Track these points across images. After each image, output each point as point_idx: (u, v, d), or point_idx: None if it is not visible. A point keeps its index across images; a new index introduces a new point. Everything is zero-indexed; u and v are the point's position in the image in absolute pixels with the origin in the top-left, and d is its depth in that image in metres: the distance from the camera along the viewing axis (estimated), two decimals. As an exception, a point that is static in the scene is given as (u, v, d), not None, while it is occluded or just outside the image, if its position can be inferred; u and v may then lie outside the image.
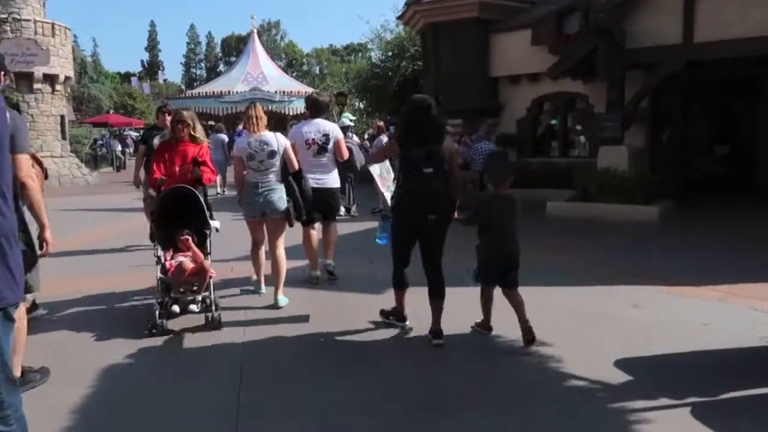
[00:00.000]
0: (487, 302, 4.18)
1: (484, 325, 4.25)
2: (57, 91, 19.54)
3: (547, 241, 7.79)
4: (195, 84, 64.39)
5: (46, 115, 19.28)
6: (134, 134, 34.38)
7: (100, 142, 30.42)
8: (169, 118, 5.81)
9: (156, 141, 6.43)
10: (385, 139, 11.10)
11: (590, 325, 4.45)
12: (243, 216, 5.28)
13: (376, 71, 18.58)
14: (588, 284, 5.59)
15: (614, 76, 9.86)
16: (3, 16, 17.74)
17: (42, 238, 3.24)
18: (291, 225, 5.07)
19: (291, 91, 35.30)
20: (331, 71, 39.06)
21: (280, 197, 4.96)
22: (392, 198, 4.16)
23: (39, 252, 3.26)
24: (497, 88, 13.76)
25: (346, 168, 6.05)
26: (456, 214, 4.03)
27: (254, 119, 4.97)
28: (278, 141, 4.99)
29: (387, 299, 4.67)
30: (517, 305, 4.04)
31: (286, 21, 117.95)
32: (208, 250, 4.69)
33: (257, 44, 40.50)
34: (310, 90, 35.09)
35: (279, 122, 34.53)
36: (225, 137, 15.88)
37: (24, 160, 2.94)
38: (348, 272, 5.94)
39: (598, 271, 6.11)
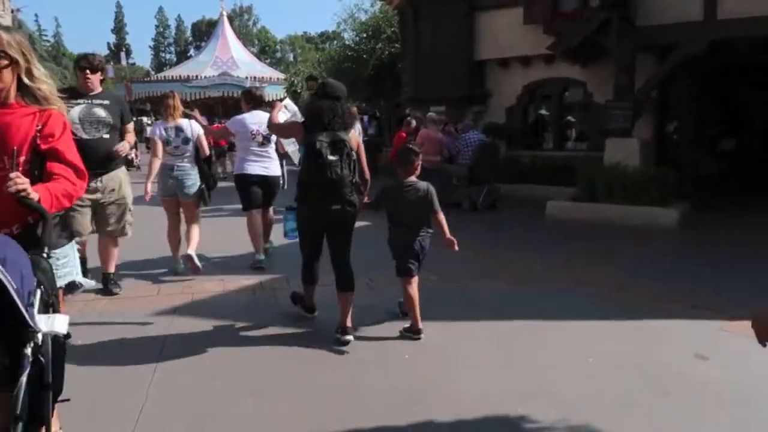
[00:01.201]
0: (407, 294, 3.87)
1: (411, 328, 3.86)
2: (-7, 69, 17.50)
3: (555, 252, 6.44)
4: (164, 68, 61.77)
5: (-20, 96, 17.24)
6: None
7: None
8: (92, 77, 4.48)
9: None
10: (358, 126, 9.63)
11: (657, 396, 3.05)
12: (158, 195, 5.40)
13: (350, 54, 17.01)
14: (624, 317, 4.23)
15: (626, 57, 8.51)
16: None
17: None
18: (206, 204, 5.52)
19: (263, 77, 33.61)
20: (305, 58, 37.35)
21: (193, 183, 5.33)
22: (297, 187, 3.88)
23: None
24: (484, 72, 12.34)
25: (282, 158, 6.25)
26: (365, 199, 3.99)
27: (171, 108, 5.37)
28: (192, 128, 5.38)
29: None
30: (410, 298, 3.84)
31: (258, 6, 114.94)
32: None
33: (227, 27, 38.62)
34: (282, 76, 33.45)
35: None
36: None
37: None
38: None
39: (630, 296, 4.76)
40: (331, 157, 3.51)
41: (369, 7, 17.67)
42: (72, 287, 2.65)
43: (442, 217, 3.85)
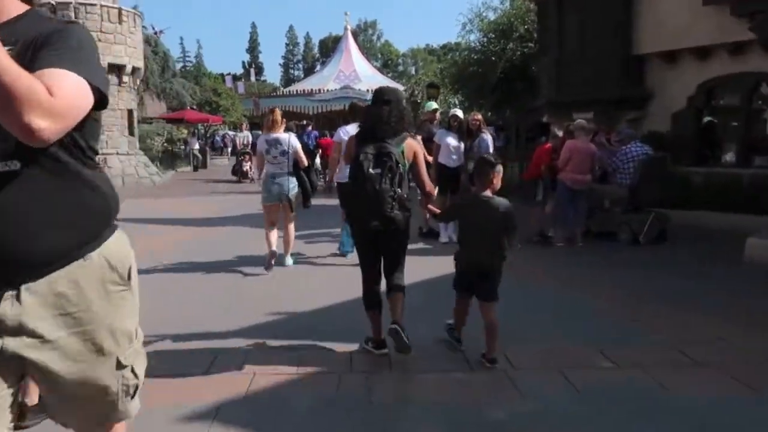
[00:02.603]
0: (458, 311, 3.70)
1: (454, 335, 3.72)
2: (124, 83, 17.98)
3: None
4: (292, 84, 64.29)
5: (111, 109, 17.73)
6: (232, 133, 33.59)
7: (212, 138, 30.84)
8: None
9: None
10: (488, 136, 7.93)
11: None
12: (262, 202, 6.01)
13: (475, 57, 15.29)
14: None
15: None
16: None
17: None
18: (292, 210, 6.00)
19: (383, 90, 33.01)
20: (426, 70, 36.37)
21: (293, 186, 5.95)
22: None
23: None
24: (644, 69, 10.12)
25: None
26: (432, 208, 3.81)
27: (271, 122, 5.99)
28: (290, 142, 5.92)
29: None
30: (488, 325, 3.46)
31: (382, 21, 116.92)
32: None
33: (350, 42, 38.71)
34: (402, 88, 32.64)
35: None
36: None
37: None
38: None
39: None
40: (372, 171, 3.39)
41: (499, 5, 15.89)
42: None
43: (515, 242, 3.50)
